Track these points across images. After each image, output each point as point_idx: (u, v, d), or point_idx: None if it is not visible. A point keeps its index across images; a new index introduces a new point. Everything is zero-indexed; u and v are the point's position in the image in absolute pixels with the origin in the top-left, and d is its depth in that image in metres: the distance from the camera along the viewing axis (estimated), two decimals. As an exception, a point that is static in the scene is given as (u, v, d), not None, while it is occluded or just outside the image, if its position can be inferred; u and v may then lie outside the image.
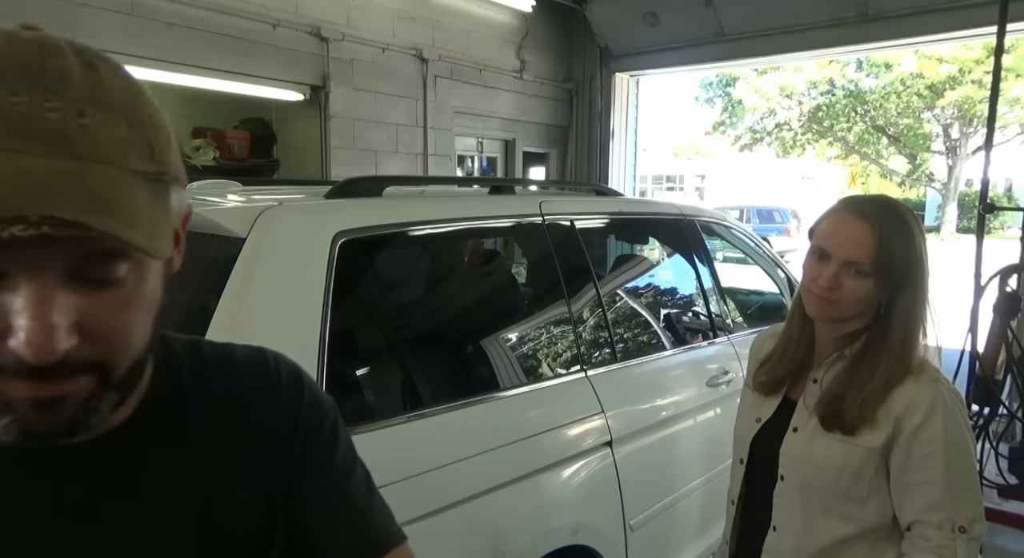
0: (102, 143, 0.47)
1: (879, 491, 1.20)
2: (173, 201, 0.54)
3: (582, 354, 2.10)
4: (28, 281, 0.46)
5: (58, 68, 0.47)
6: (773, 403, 1.33)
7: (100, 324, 0.49)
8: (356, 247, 1.61)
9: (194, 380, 0.66)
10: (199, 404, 0.65)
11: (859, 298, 1.18)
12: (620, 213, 2.67)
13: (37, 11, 3.33)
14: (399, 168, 5.04)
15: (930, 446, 1.14)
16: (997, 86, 3.18)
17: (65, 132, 0.45)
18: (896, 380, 1.18)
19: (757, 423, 1.34)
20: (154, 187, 0.50)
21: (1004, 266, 3.09)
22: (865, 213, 1.18)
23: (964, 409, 1.20)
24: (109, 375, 0.51)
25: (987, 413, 3.12)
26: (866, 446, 1.18)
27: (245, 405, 0.68)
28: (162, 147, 0.52)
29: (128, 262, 0.49)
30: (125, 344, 0.52)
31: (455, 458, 1.62)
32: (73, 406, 0.50)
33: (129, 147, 0.48)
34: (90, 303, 0.48)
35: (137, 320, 0.52)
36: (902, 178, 26.69)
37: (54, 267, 0.46)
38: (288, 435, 0.69)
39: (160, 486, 0.61)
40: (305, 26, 4.38)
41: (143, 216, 0.48)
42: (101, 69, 0.49)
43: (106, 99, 0.48)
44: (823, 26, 5.09)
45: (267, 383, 0.70)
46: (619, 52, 6.21)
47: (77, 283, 0.47)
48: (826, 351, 1.27)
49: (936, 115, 22.59)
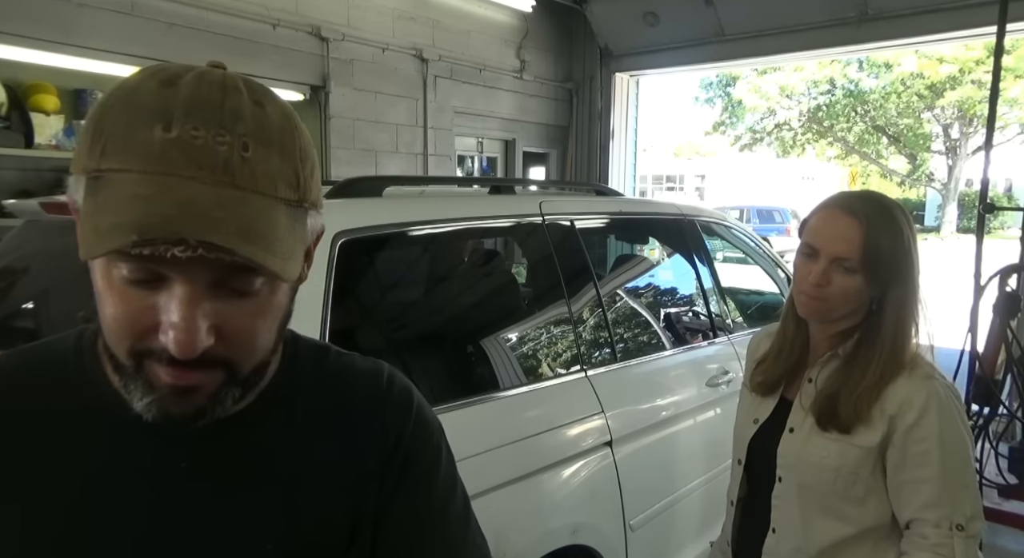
0: (259, 174, 0.53)
1: (876, 490, 1.19)
2: (309, 224, 0.60)
3: (582, 354, 2.10)
4: (181, 286, 0.53)
5: (233, 106, 0.53)
6: (770, 404, 1.33)
7: (234, 328, 0.56)
8: (356, 247, 1.62)
9: (312, 385, 0.71)
10: (311, 408, 0.70)
11: (848, 295, 1.17)
12: (620, 213, 2.67)
13: (37, 11, 3.33)
14: (399, 168, 5.04)
15: (925, 444, 1.14)
16: (997, 86, 3.18)
17: (230, 164, 0.52)
18: (889, 377, 1.17)
19: (755, 424, 1.34)
20: (295, 213, 0.57)
21: (1004, 266, 3.09)
22: (853, 209, 1.17)
23: (960, 405, 1.19)
24: (236, 372, 0.59)
25: (987, 413, 3.12)
26: (862, 445, 1.17)
27: (352, 416, 0.71)
28: (306, 177, 0.58)
29: (264, 277, 0.56)
30: (253, 347, 0.59)
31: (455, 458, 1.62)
32: (203, 396, 0.57)
33: (279, 178, 0.55)
34: (228, 309, 0.56)
35: (265, 327, 0.60)
36: (902, 178, 26.69)
37: (203, 277, 0.53)
38: (389, 452, 0.71)
39: (253, 475, 0.66)
40: (305, 26, 4.38)
41: (282, 242, 0.54)
42: (267, 106, 0.56)
43: (267, 134, 0.55)
44: (823, 26, 5.09)
45: (377, 398, 0.73)
46: (619, 52, 6.21)
47: (220, 292, 0.55)
48: (820, 350, 1.27)
49: (936, 115, 22.59)
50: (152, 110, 0.52)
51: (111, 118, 0.53)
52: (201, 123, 0.52)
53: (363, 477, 0.70)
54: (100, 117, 0.53)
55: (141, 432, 0.61)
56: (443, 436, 0.78)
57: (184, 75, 0.54)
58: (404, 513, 0.71)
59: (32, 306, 1.88)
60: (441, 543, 0.72)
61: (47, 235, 1.91)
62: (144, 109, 0.52)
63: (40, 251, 1.93)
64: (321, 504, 0.67)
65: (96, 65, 3.53)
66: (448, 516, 0.74)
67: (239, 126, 0.53)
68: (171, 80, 0.54)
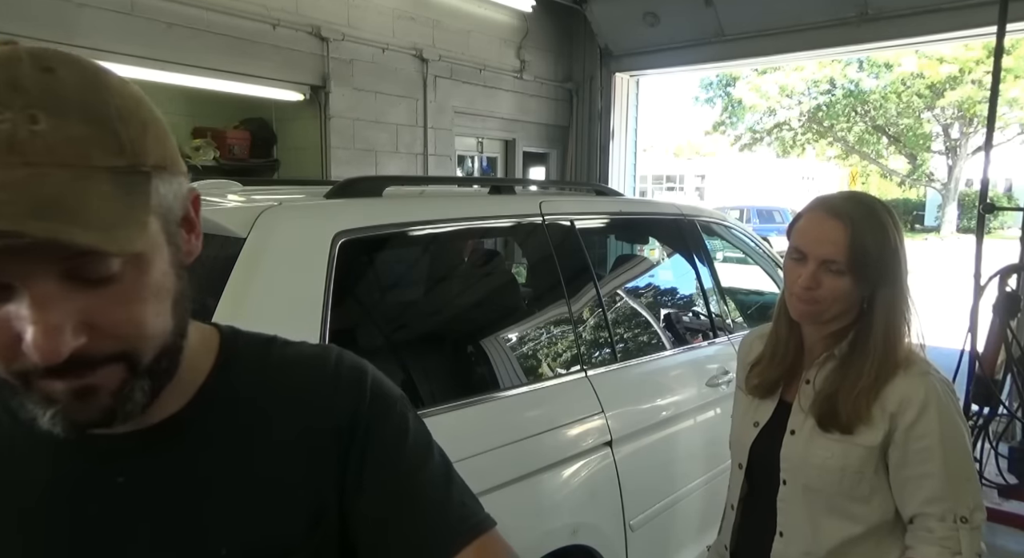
0: (59, 146, 0.47)
1: (881, 488, 1.20)
2: (159, 190, 0.53)
3: (582, 354, 2.10)
4: (27, 289, 0.48)
5: (9, 78, 0.48)
6: (769, 406, 1.33)
7: (108, 319, 0.51)
8: (356, 247, 1.62)
9: (253, 378, 0.68)
10: (254, 402, 0.67)
11: (838, 296, 1.18)
12: (620, 213, 2.67)
13: (37, 11, 3.33)
14: (399, 168, 5.04)
15: (926, 440, 1.15)
16: (997, 86, 3.18)
17: (14, 141, 0.46)
18: (885, 376, 1.18)
19: (755, 427, 1.34)
20: (126, 181, 0.50)
21: (1004, 266, 3.09)
22: (837, 211, 1.18)
23: (956, 399, 1.21)
24: (136, 364, 0.54)
25: (987, 413, 3.12)
26: (865, 445, 1.18)
27: (300, 403, 0.68)
28: (134, 138, 0.51)
29: (119, 258, 0.50)
30: (141, 335, 0.54)
31: (455, 458, 1.61)
32: (107, 395, 0.53)
33: (90, 145, 0.49)
34: (93, 301, 0.50)
35: (147, 311, 0.54)
36: (902, 178, 26.70)
37: (48, 272, 0.48)
38: (345, 432, 0.68)
39: (196, 480, 0.63)
40: (305, 26, 4.38)
41: (99, 213, 0.47)
42: (59, 70, 0.50)
43: (62, 101, 0.49)
44: (823, 26, 5.09)
45: (325, 380, 0.70)
46: (619, 52, 6.21)
47: (75, 284, 0.49)
48: (816, 351, 1.27)
49: (936, 115, 22.59)
50: None
51: None
52: None
53: (319, 462, 0.67)
54: None
55: (70, 453, 0.59)
56: (407, 405, 0.75)
57: None
58: (376, 488, 0.68)
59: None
60: (421, 511, 0.69)
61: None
62: None
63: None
64: (274, 498, 0.65)
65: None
66: (424, 482, 0.70)
67: (19, 98, 0.47)
68: None
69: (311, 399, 0.69)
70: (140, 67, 3.67)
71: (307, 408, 0.68)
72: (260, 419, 0.66)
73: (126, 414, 0.55)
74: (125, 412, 0.55)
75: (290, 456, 0.66)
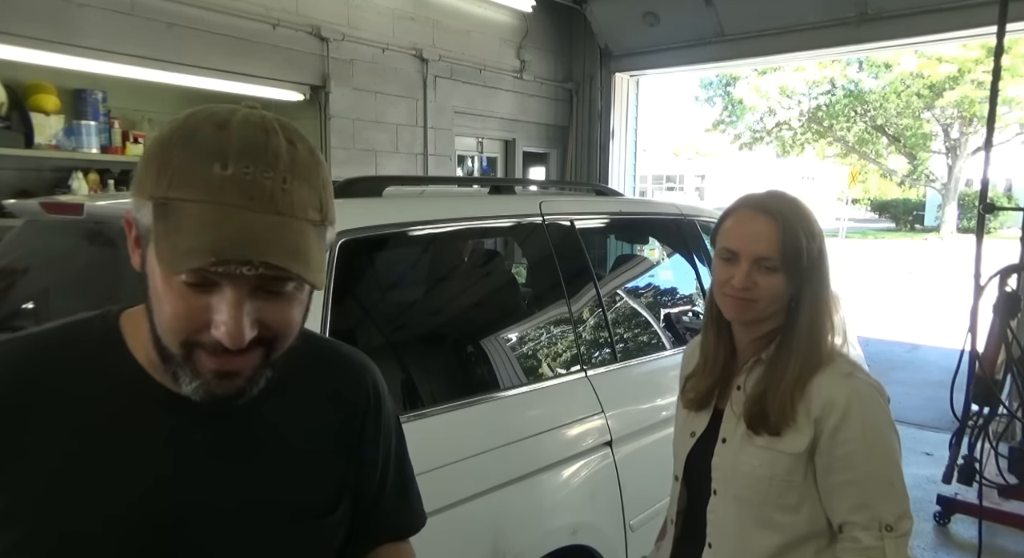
0: (296, 202, 0.66)
1: (810, 496, 1.18)
2: (328, 237, 0.72)
3: (582, 354, 2.10)
4: (231, 291, 0.65)
5: (274, 147, 0.66)
6: (705, 416, 1.31)
7: (272, 320, 0.68)
8: (356, 247, 1.62)
9: (310, 362, 0.85)
10: (304, 381, 0.84)
11: (774, 294, 1.16)
12: (620, 213, 2.67)
13: (37, 11, 3.33)
14: (399, 168, 5.04)
15: (849, 445, 1.13)
16: (997, 86, 3.18)
17: (274, 195, 0.64)
18: (809, 373, 1.17)
19: (692, 438, 1.31)
20: (319, 231, 0.69)
21: (1004, 266, 3.09)
22: (767, 208, 1.17)
23: (884, 403, 1.18)
24: (271, 356, 0.71)
25: (987, 413, 3.12)
26: (791, 452, 1.16)
27: (336, 384, 0.88)
28: (327, 201, 0.70)
29: (294, 281, 0.68)
30: (288, 335, 0.71)
31: (455, 458, 1.62)
32: (243, 379, 0.70)
33: (308, 204, 0.67)
34: (266, 307, 0.67)
35: (295, 317, 0.72)
36: (902, 178, 26.68)
37: (248, 283, 0.65)
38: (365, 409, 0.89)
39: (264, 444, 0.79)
40: (305, 26, 4.38)
41: (315, 258, 0.67)
42: (298, 144, 0.68)
43: (298, 170, 0.67)
44: (823, 26, 5.09)
45: (352, 368, 0.91)
46: (619, 52, 6.21)
47: (258, 293, 0.66)
48: (746, 355, 1.25)
49: (936, 115, 22.58)
50: (211, 151, 0.64)
51: (176, 156, 0.64)
52: (251, 162, 0.64)
53: (353, 432, 0.87)
54: (165, 153, 0.65)
55: (162, 407, 0.74)
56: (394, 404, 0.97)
57: (232, 119, 0.66)
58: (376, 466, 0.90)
59: (32, 306, 1.88)
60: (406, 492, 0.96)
61: (47, 235, 1.91)
62: (204, 149, 0.64)
63: (40, 251, 1.93)
64: (323, 462, 0.83)
65: (96, 65, 3.53)
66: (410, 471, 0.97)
67: (279, 163, 0.65)
68: (223, 124, 0.66)
69: (343, 382, 0.88)
70: (140, 67, 3.67)
71: (342, 389, 0.88)
72: (309, 397, 0.84)
73: (251, 394, 0.71)
74: (251, 393, 0.71)
75: (331, 429, 0.85)
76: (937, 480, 3.39)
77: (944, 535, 3.34)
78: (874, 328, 8.14)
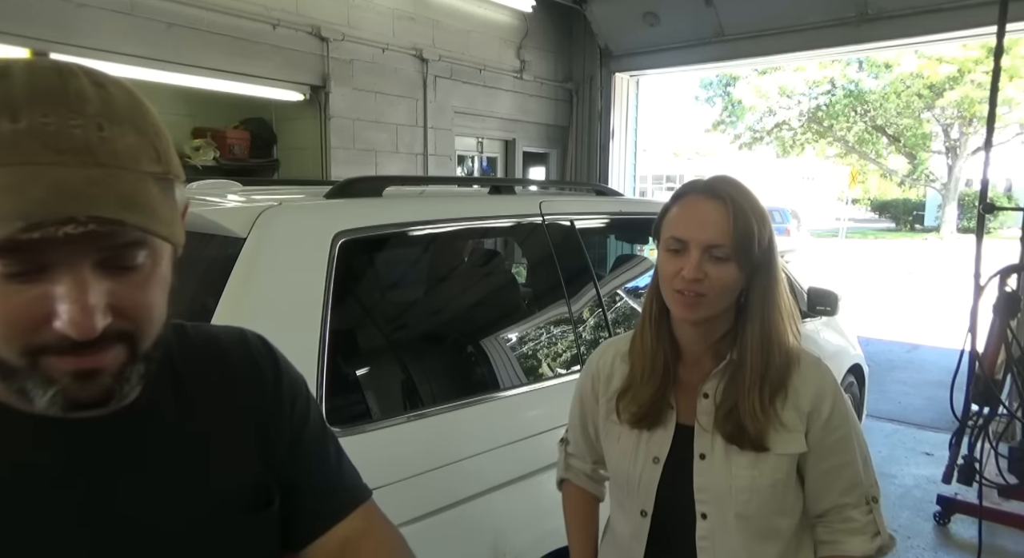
0: (120, 152, 0.54)
1: (798, 492, 1.13)
2: (177, 196, 0.61)
3: (582, 354, 2.10)
4: (67, 272, 0.53)
5: (76, 89, 0.55)
6: (665, 435, 1.14)
7: (128, 302, 0.57)
8: (356, 247, 1.62)
9: (186, 361, 0.74)
10: (193, 383, 0.73)
11: (725, 285, 1.05)
12: (620, 213, 2.67)
13: (37, 11, 3.33)
14: (399, 168, 5.04)
15: (841, 429, 1.10)
16: (997, 86, 3.17)
17: (89, 145, 0.53)
18: (780, 375, 1.08)
19: (656, 464, 1.13)
20: (163, 185, 0.58)
21: (1004, 266, 3.09)
22: (716, 192, 1.07)
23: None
24: (137, 346, 0.59)
25: (987, 413, 3.11)
26: (791, 453, 1.08)
27: (236, 383, 0.76)
28: (165, 150, 0.59)
29: (146, 249, 0.57)
30: (148, 318, 0.60)
31: (455, 458, 1.62)
32: (108, 377, 0.57)
33: (140, 153, 0.56)
34: (118, 286, 0.56)
35: (157, 298, 0.60)
36: (902, 178, 26.68)
37: (87, 258, 0.54)
38: (276, 407, 0.78)
39: (164, 461, 0.68)
40: (305, 26, 4.38)
41: (160, 211, 0.56)
42: (109, 87, 0.57)
43: (117, 113, 0.56)
44: (823, 26, 5.09)
45: (252, 361, 0.79)
46: (619, 52, 6.21)
47: (106, 270, 0.55)
48: (704, 358, 1.14)
49: (936, 115, 22.58)
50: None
51: None
52: (49, 109, 0.52)
53: (260, 438, 0.76)
54: None
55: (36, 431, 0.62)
56: (306, 384, 0.85)
57: (13, 66, 0.55)
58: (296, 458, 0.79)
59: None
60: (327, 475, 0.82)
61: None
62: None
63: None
64: (228, 464, 0.72)
65: (96, 65, 3.48)
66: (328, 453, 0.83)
67: (88, 108, 0.54)
68: (3, 72, 0.54)
69: (244, 377, 0.77)
70: (140, 67, 3.67)
71: (242, 385, 0.77)
72: (204, 393, 0.73)
73: (122, 396, 0.59)
74: (122, 394, 0.59)
75: (233, 425, 0.74)
76: (937, 480, 3.39)
77: (944, 535, 3.33)
78: (874, 328, 8.14)
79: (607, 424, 1.22)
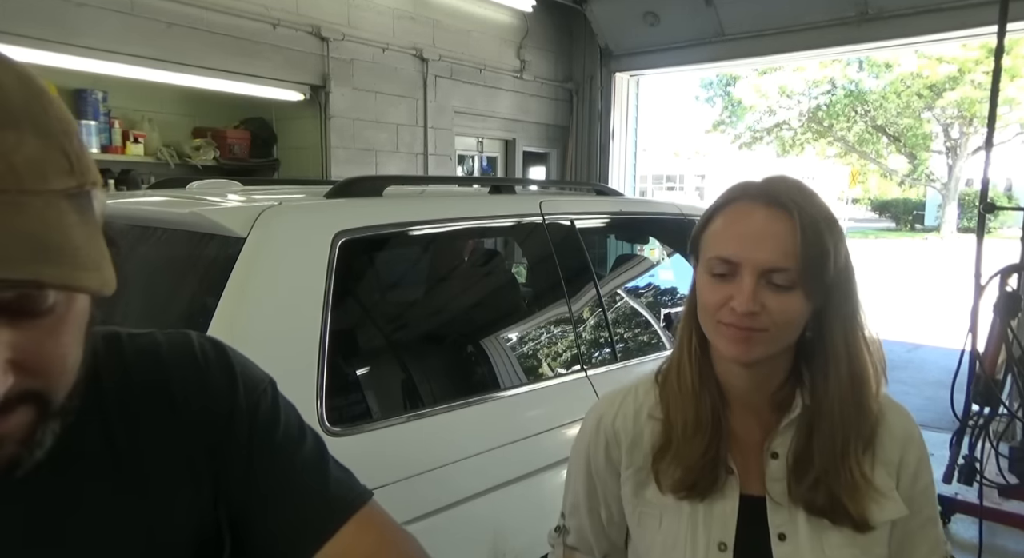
0: (19, 168, 0.39)
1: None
2: (97, 209, 0.47)
3: (582, 354, 2.10)
4: None
5: None
6: (727, 509, 0.88)
7: (35, 356, 0.45)
8: (356, 247, 1.61)
9: (118, 389, 0.61)
10: (127, 419, 0.60)
11: (790, 320, 0.82)
12: (620, 213, 2.67)
13: (37, 11, 3.33)
14: (399, 168, 5.04)
15: (924, 478, 0.91)
16: (997, 86, 3.17)
17: None
18: (869, 426, 0.87)
19: (724, 552, 0.87)
20: (79, 204, 0.44)
21: (1004, 266, 3.09)
22: (776, 197, 0.82)
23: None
24: (48, 405, 0.48)
25: (987, 413, 3.11)
26: (894, 518, 0.87)
27: (178, 406, 0.63)
28: (77, 152, 0.45)
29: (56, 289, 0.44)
30: (62, 369, 0.48)
31: (455, 458, 1.62)
32: (13, 444, 0.46)
33: (47, 165, 0.41)
34: (23, 336, 0.44)
35: (72, 342, 0.48)
36: (902, 178, 26.68)
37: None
38: (225, 427, 0.65)
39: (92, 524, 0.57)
40: (305, 26, 4.38)
41: (84, 250, 0.42)
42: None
43: (10, 112, 0.41)
44: (823, 26, 5.09)
45: (196, 374, 0.65)
46: (619, 52, 6.20)
47: (7, 319, 0.43)
48: (763, 411, 0.90)
49: (936, 115, 22.59)
50: None
51: None
52: None
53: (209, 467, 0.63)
54: None
55: None
56: (273, 384, 0.70)
57: None
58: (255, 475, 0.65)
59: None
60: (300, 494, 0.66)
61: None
62: None
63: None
64: (169, 500, 0.61)
65: (96, 65, 3.53)
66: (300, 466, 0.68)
67: None
68: None
69: (186, 393, 0.64)
70: (140, 67, 3.67)
71: (183, 405, 0.63)
72: (137, 422, 0.61)
73: (32, 461, 0.48)
74: (32, 459, 0.48)
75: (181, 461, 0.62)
76: (937, 480, 3.39)
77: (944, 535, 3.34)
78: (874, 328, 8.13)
79: (639, 504, 0.94)
